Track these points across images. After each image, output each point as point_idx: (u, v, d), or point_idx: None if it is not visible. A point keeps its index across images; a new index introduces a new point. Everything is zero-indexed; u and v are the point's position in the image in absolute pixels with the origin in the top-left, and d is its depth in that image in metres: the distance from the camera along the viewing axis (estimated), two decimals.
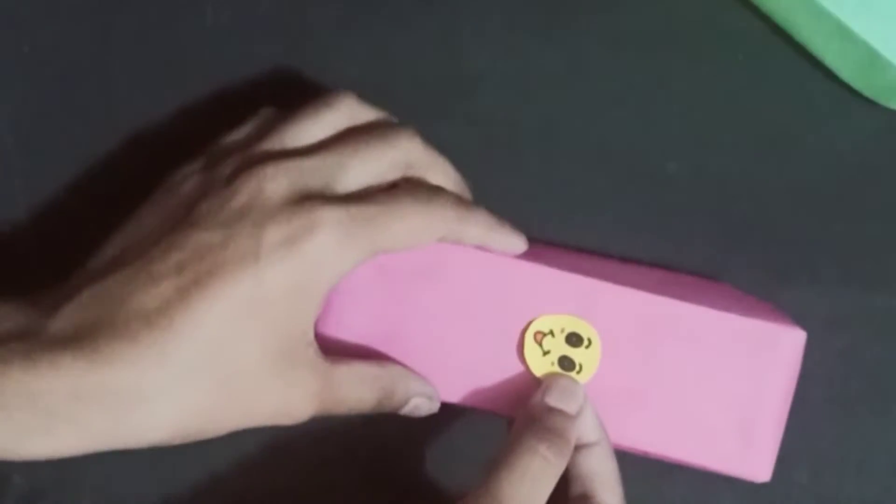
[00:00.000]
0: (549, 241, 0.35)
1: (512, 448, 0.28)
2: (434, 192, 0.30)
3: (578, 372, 0.31)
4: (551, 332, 0.31)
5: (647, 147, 0.36)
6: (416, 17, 0.37)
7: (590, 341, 0.31)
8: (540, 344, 0.31)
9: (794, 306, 0.32)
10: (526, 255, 0.31)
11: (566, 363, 0.31)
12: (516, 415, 0.30)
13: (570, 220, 0.35)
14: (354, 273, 0.29)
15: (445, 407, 0.31)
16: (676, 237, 0.36)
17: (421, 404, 0.31)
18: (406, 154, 0.30)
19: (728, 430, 0.30)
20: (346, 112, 0.31)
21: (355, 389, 0.29)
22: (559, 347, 0.31)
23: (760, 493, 0.32)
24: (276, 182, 0.28)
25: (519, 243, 0.32)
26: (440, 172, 0.32)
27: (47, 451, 0.26)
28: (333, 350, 0.30)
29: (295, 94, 0.36)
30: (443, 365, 0.31)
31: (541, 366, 0.31)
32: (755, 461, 0.30)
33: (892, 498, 0.35)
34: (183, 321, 0.26)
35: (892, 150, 0.36)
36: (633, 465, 0.34)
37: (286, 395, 0.28)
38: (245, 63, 0.36)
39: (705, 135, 0.36)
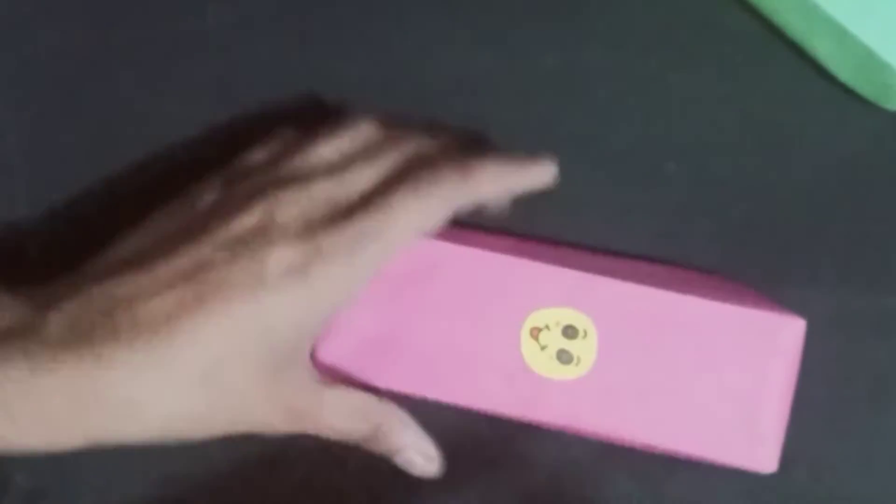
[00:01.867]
0: (548, 241, 0.35)
1: None
2: (433, 170, 0.30)
3: (577, 364, 0.31)
4: (547, 327, 0.31)
5: (647, 147, 0.36)
6: (416, 17, 0.37)
7: (585, 332, 0.31)
8: (537, 339, 0.31)
9: (794, 306, 0.32)
10: (523, 252, 0.31)
11: (564, 357, 0.31)
12: None
13: (569, 220, 0.35)
14: None
15: (447, 411, 0.31)
16: (676, 237, 0.36)
17: (415, 460, 0.30)
18: (412, 151, 0.31)
19: (731, 421, 0.30)
20: (363, 135, 0.31)
21: (343, 416, 0.30)
22: (556, 341, 0.31)
23: (760, 491, 0.32)
24: (286, 208, 0.28)
25: (545, 172, 0.32)
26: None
27: (45, 445, 0.27)
28: (331, 352, 0.30)
29: (296, 94, 0.36)
30: (443, 366, 0.31)
31: (540, 361, 0.31)
32: (760, 452, 0.30)
33: (892, 497, 0.35)
34: (183, 335, 0.27)
35: (891, 150, 0.36)
36: (633, 464, 0.35)
37: (271, 411, 0.29)
38: (245, 63, 0.37)
39: (705, 135, 0.37)
